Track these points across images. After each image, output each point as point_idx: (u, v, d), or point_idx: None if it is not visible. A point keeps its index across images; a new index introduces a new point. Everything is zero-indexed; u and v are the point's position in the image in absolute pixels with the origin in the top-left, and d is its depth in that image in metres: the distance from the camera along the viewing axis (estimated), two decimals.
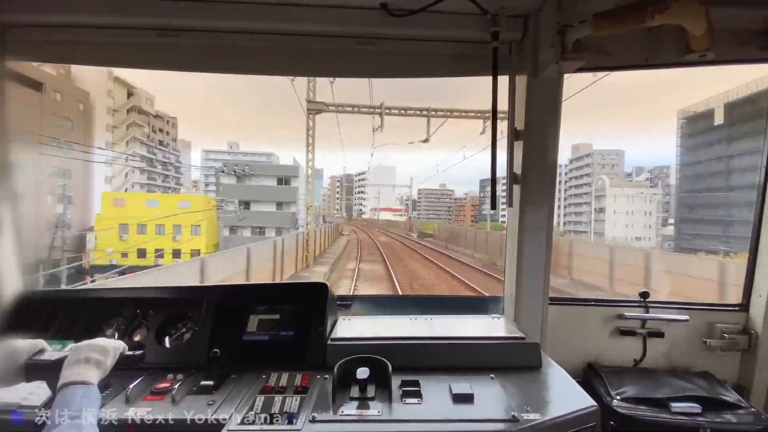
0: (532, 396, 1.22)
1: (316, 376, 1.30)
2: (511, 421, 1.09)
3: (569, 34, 1.42)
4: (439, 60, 1.74)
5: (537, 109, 1.64)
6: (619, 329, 1.92)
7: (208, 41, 1.61)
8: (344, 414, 1.11)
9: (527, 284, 1.74)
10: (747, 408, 1.58)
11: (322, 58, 1.73)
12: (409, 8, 1.47)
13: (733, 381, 1.88)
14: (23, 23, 1.54)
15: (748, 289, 1.94)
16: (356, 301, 1.95)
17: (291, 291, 1.63)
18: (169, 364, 1.37)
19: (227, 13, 1.51)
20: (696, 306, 1.98)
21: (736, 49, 1.61)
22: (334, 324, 1.59)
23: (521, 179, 1.69)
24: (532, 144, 1.66)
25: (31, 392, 1.10)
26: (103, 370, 1.07)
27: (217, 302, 1.51)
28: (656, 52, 1.62)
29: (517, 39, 1.63)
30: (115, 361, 1.13)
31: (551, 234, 1.74)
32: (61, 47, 1.64)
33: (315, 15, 1.53)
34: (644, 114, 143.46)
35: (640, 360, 1.92)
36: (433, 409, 1.14)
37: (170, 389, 1.20)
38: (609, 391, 1.67)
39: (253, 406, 1.12)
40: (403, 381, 1.25)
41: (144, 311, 1.54)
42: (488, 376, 1.32)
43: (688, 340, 1.92)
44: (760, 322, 1.86)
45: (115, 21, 1.54)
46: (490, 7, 1.47)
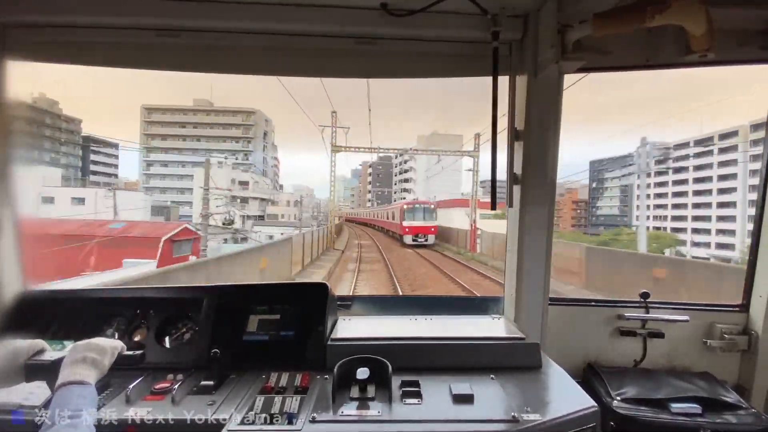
0: (532, 396, 1.22)
1: (316, 377, 1.30)
2: (511, 421, 1.09)
3: (569, 34, 1.43)
4: (439, 60, 1.74)
5: (537, 109, 1.64)
6: (619, 330, 1.92)
7: (207, 41, 1.61)
8: (344, 414, 1.11)
9: (527, 284, 1.74)
10: (747, 408, 1.58)
11: (322, 58, 1.73)
12: (409, 8, 1.47)
13: (733, 381, 1.88)
14: (23, 24, 1.54)
15: (748, 289, 1.94)
16: (356, 301, 1.95)
17: (291, 291, 1.63)
18: (169, 364, 1.37)
19: (227, 13, 1.51)
20: (696, 306, 1.98)
21: (737, 49, 1.61)
22: (334, 324, 1.59)
23: (521, 179, 1.69)
24: (533, 144, 1.66)
25: (31, 392, 1.10)
26: (101, 370, 1.07)
27: (217, 302, 1.51)
28: (656, 52, 1.62)
29: (517, 39, 1.62)
30: (113, 361, 1.13)
31: (551, 234, 1.74)
32: (61, 48, 1.64)
33: (315, 15, 1.53)
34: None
35: (640, 360, 1.91)
36: (433, 410, 1.14)
37: (170, 389, 1.20)
38: (609, 391, 1.67)
39: (253, 407, 1.12)
40: (403, 381, 1.25)
41: (144, 311, 1.54)
42: (488, 376, 1.32)
43: (688, 340, 1.92)
44: (760, 323, 1.86)
45: (114, 21, 1.54)
46: (490, 7, 1.47)
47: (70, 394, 0.95)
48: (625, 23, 1.33)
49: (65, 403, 0.92)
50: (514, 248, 1.78)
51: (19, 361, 1.13)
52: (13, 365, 1.12)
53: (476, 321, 1.76)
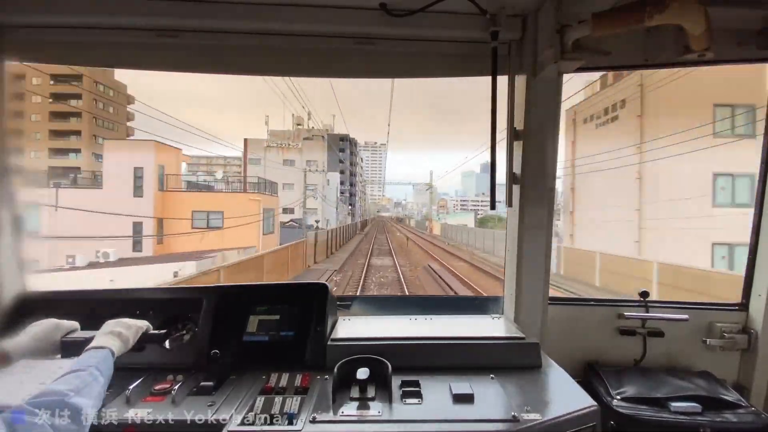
0: (532, 396, 1.22)
1: (316, 377, 1.30)
2: (511, 421, 1.09)
3: (568, 34, 1.42)
4: (439, 60, 1.74)
5: (536, 109, 1.64)
6: (619, 329, 1.92)
7: (207, 42, 1.61)
8: (344, 414, 1.11)
9: (527, 284, 1.74)
10: (747, 407, 1.58)
11: (321, 58, 1.72)
12: (409, 8, 1.47)
13: (732, 380, 1.88)
14: (23, 24, 1.54)
15: (748, 288, 1.94)
16: (356, 301, 1.95)
17: (291, 291, 1.63)
18: (169, 364, 1.37)
19: (227, 13, 1.51)
20: (695, 305, 1.98)
21: (735, 49, 1.61)
22: (334, 324, 1.59)
23: (521, 179, 1.69)
24: (532, 144, 1.66)
25: (61, 367, 1.14)
26: (124, 342, 1.16)
27: (216, 303, 1.51)
28: (655, 52, 1.62)
29: (516, 39, 1.62)
30: (137, 337, 1.22)
31: (551, 234, 1.75)
32: (61, 48, 1.63)
33: (315, 15, 1.53)
34: None
35: (640, 359, 1.92)
36: (434, 410, 1.14)
37: (170, 390, 1.20)
38: (609, 390, 1.67)
39: (254, 407, 1.12)
40: (403, 381, 1.25)
41: (144, 312, 1.54)
42: (488, 376, 1.32)
43: (687, 339, 1.92)
44: (759, 322, 1.86)
45: (114, 22, 1.54)
46: (489, 6, 1.47)
47: (88, 356, 1.04)
48: (624, 23, 1.33)
49: (80, 362, 1.01)
50: (513, 248, 1.78)
51: (57, 338, 1.21)
52: (53, 340, 1.20)
53: (476, 321, 1.76)
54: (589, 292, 12.89)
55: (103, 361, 1.03)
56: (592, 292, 12.93)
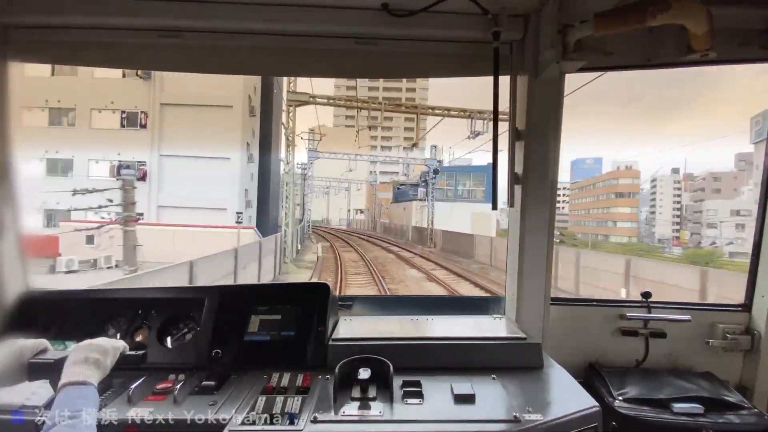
0: (533, 396, 1.22)
1: (318, 377, 1.30)
2: (512, 421, 1.08)
3: (570, 34, 1.42)
4: (440, 60, 1.74)
5: (538, 109, 1.63)
6: (621, 329, 1.91)
7: (208, 42, 1.61)
8: (345, 414, 1.11)
9: (529, 284, 1.74)
10: (749, 408, 1.57)
11: (322, 58, 1.73)
12: (410, 8, 1.47)
13: (735, 381, 1.87)
14: (24, 24, 1.54)
15: (751, 289, 1.93)
16: (357, 301, 1.95)
17: (292, 291, 1.63)
18: (171, 364, 1.37)
19: (227, 13, 1.51)
20: (698, 306, 1.97)
21: (737, 49, 1.61)
22: (335, 324, 1.59)
23: (522, 179, 1.69)
24: (534, 144, 1.66)
25: (33, 392, 1.10)
26: (103, 370, 1.06)
27: (218, 302, 1.51)
28: (657, 52, 1.62)
29: (518, 39, 1.62)
30: (115, 361, 1.12)
31: (552, 234, 1.74)
32: (62, 48, 1.64)
33: (316, 15, 1.53)
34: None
35: (642, 360, 1.91)
36: (435, 410, 1.14)
37: (171, 389, 1.19)
38: (611, 391, 1.66)
39: (255, 407, 1.12)
40: (405, 381, 1.25)
41: (145, 311, 1.54)
42: (490, 376, 1.32)
43: (690, 340, 1.91)
44: (762, 323, 1.85)
45: (115, 22, 1.54)
46: (490, 7, 1.47)
47: (72, 395, 0.94)
48: (626, 23, 1.33)
49: (66, 404, 0.91)
50: (515, 248, 1.77)
51: (23, 360, 1.12)
52: (17, 364, 1.10)
53: (477, 321, 1.76)
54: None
55: (92, 401, 0.96)
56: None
